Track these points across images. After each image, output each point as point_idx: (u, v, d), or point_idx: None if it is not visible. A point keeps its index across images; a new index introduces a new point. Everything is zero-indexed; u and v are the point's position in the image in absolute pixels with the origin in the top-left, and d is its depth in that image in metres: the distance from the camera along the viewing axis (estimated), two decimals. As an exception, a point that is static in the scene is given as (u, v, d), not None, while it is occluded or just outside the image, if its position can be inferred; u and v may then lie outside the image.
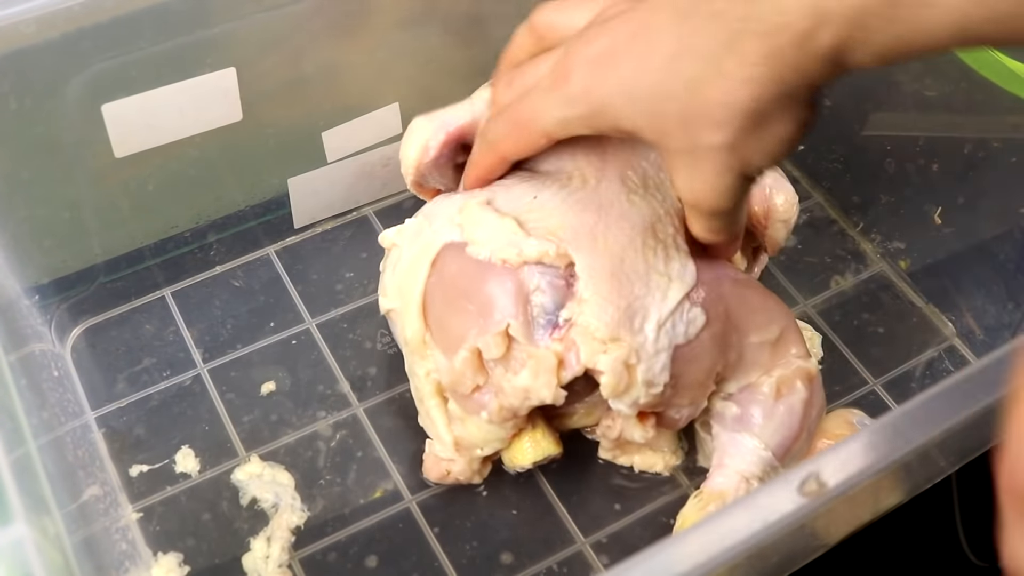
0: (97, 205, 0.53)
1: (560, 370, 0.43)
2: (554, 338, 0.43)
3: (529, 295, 0.44)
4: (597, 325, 0.43)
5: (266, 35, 0.51)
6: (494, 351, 0.44)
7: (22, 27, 0.44)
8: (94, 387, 0.54)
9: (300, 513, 0.49)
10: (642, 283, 0.44)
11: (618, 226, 0.45)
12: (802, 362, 0.48)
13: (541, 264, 0.44)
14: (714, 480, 0.47)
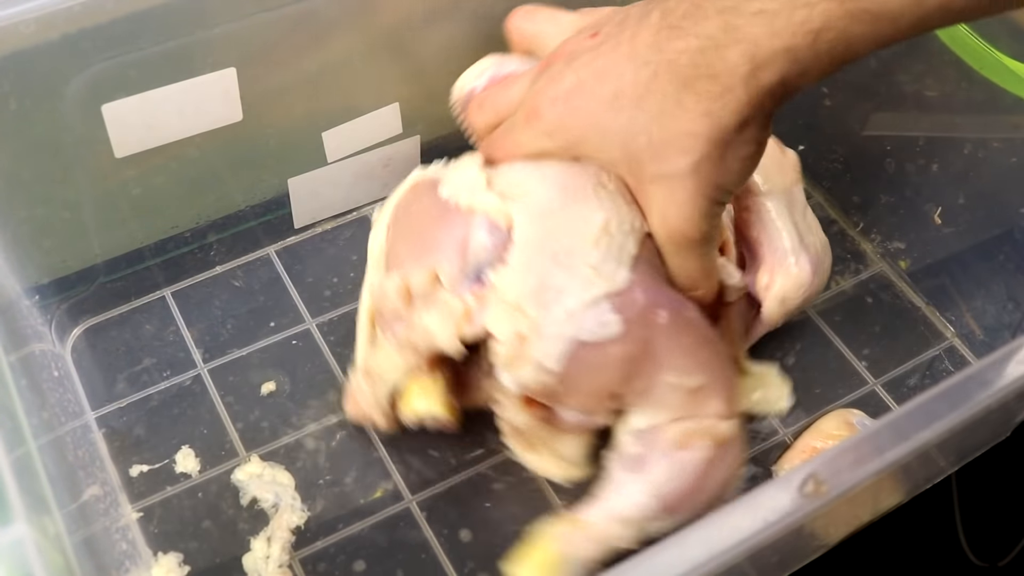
0: (97, 205, 0.53)
1: (464, 323, 0.44)
2: (472, 292, 0.44)
3: (469, 247, 0.44)
4: (509, 291, 0.43)
5: (266, 35, 0.51)
6: (418, 287, 0.45)
7: (22, 27, 0.44)
8: (94, 387, 0.54)
9: (300, 513, 0.49)
10: (570, 269, 0.43)
11: (577, 210, 0.44)
12: (716, 421, 0.44)
13: (490, 221, 0.44)
14: (585, 509, 0.45)
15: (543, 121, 0.44)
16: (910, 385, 0.56)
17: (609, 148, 0.43)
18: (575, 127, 0.44)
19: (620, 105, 0.41)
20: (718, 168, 0.41)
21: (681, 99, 0.40)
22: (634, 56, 0.41)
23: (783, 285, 0.50)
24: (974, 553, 0.56)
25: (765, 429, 0.53)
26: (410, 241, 0.47)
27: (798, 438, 0.53)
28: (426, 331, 0.45)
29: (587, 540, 0.45)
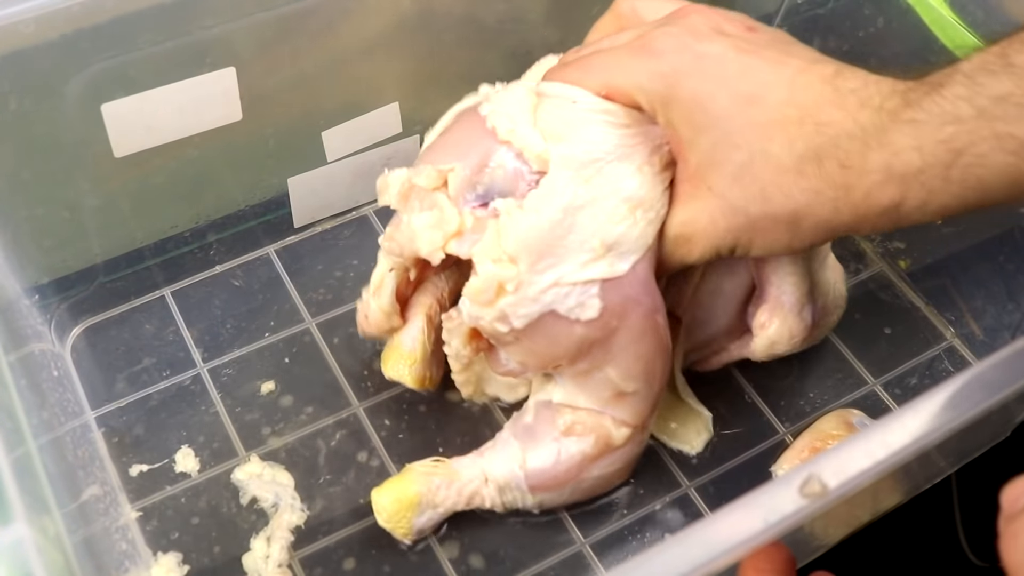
0: (97, 205, 0.53)
1: (452, 238, 0.43)
2: (473, 212, 0.43)
3: (489, 162, 0.43)
4: (511, 236, 0.41)
5: (266, 35, 0.51)
6: (424, 180, 0.44)
7: (21, 27, 0.44)
8: (94, 387, 0.54)
9: (300, 513, 0.49)
10: (581, 239, 0.42)
11: (611, 180, 0.42)
12: (613, 427, 0.46)
13: (521, 155, 0.43)
14: (463, 459, 0.48)
15: (657, 60, 0.41)
16: (910, 385, 0.56)
17: (702, 132, 0.40)
18: (687, 88, 0.40)
19: (747, 112, 0.39)
20: (768, 237, 0.40)
21: (803, 160, 0.38)
22: (793, 92, 0.38)
23: (777, 332, 0.50)
24: (974, 553, 0.56)
25: (764, 429, 0.53)
26: (434, 146, 0.46)
27: (797, 438, 0.53)
28: (412, 232, 0.44)
29: (450, 490, 0.48)
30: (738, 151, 0.39)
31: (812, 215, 0.39)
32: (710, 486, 0.51)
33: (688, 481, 0.51)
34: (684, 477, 0.51)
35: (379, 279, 0.50)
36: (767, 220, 0.40)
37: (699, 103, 0.40)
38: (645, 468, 0.52)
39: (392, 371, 0.51)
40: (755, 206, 0.39)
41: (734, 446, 0.53)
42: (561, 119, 0.43)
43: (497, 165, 0.43)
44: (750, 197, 0.39)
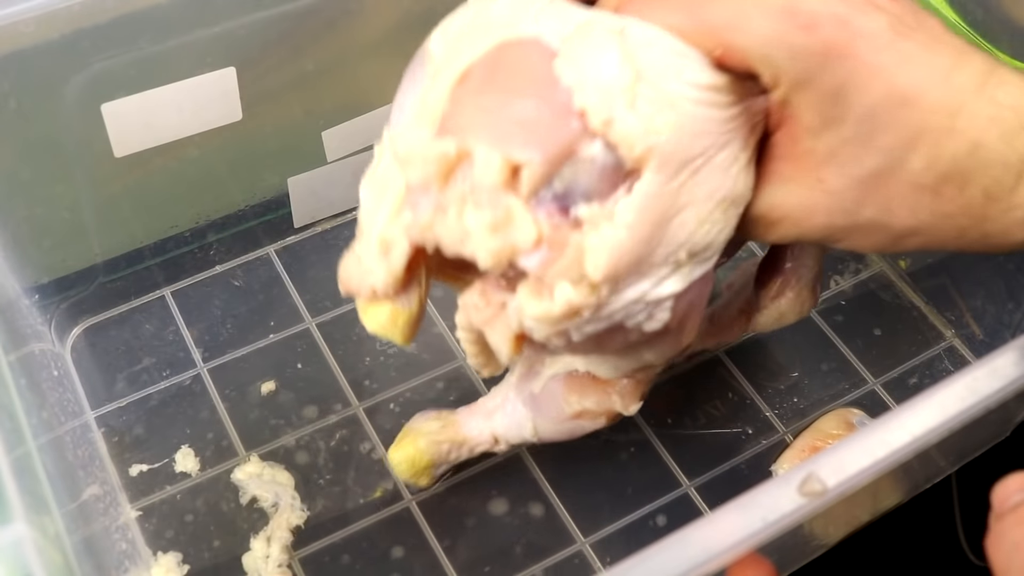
0: (97, 204, 0.53)
1: (517, 249, 0.33)
2: (550, 220, 0.33)
3: (577, 157, 0.33)
4: (599, 259, 0.33)
5: (266, 34, 0.51)
6: (487, 175, 0.33)
7: (21, 27, 0.44)
8: (94, 387, 0.54)
9: (300, 513, 0.49)
10: (666, 253, 0.35)
11: (708, 180, 0.35)
12: (622, 406, 0.45)
13: (616, 148, 0.33)
14: (470, 422, 0.48)
15: (807, 33, 0.33)
16: (910, 384, 0.56)
17: (834, 125, 0.34)
18: (835, 75, 0.33)
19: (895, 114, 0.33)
20: (864, 241, 0.36)
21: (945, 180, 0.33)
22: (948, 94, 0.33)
23: (789, 305, 0.47)
24: (974, 553, 0.56)
25: (764, 428, 0.53)
26: (495, 108, 0.33)
27: (797, 437, 0.53)
28: (463, 233, 0.33)
29: (460, 450, 0.48)
30: (873, 155, 0.34)
31: (931, 235, 0.35)
32: (710, 485, 0.51)
33: (688, 480, 0.51)
34: (684, 476, 0.51)
35: (385, 237, 0.36)
36: (878, 228, 0.35)
37: (843, 94, 0.33)
38: (645, 467, 0.52)
39: (378, 326, 0.39)
40: (872, 214, 0.35)
41: (734, 445, 0.53)
42: (662, 102, 0.33)
43: (585, 159, 0.33)
44: (870, 204, 0.34)
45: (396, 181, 0.36)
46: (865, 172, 0.34)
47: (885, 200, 0.34)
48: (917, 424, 0.33)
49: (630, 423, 0.53)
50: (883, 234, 0.35)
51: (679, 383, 0.55)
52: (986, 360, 0.34)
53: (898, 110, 0.33)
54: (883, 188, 0.34)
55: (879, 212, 0.35)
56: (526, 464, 0.52)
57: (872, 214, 0.35)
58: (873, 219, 0.35)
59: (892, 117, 0.33)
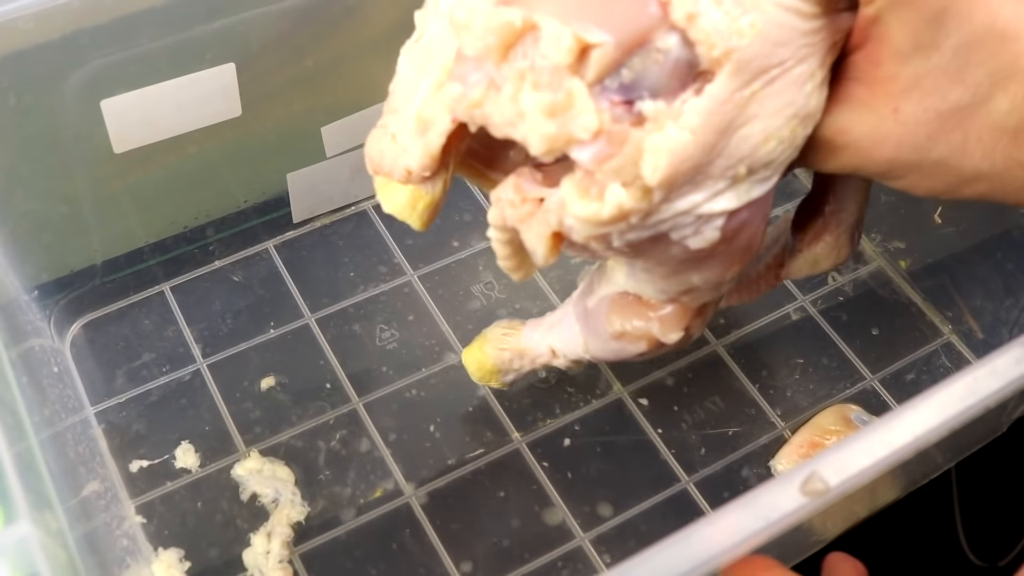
0: (96, 201, 0.53)
1: (573, 138, 0.31)
2: (612, 111, 0.31)
3: (651, 45, 0.31)
4: (657, 162, 0.31)
5: (265, 31, 0.51)
6: (555, 52, 0.30)
7: (21, 23, 0.44)
8: (93, 383, 0.54)
9: (300, 509, 0.49)
10: (725, 165, 0.33)
11: (781, 93, 0.33)
12: (661, 334, 0.43)
13: (694, 46, 0.31)
14: (532, 332, 0.49)
15: None
16: (907, 381, 0.56)
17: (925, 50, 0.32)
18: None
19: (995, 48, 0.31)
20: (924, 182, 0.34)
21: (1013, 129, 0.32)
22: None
23: (825, 250, 0.44)
24: (974, 553, 0.56)
25: (763, 424, 0.54)
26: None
27: (795, 433, 0.53)
28: (516, 113, 0.31)
29: (523, 360, 0.50)
30: (960, 89, 0.32)
31: (996, 183, 0.33)
32: (709, 481, 0.51)
33: (687, 476, 0.52)
34: (683, 472, 0.52)
35: (425, 114, 0.33)
36: (944, 169, 0.33)
37: (942, 19, 0.31)
38: (644, 464, 0.52)
39: (397, 208, 0.38)
40: (943, 152, 0.33)
41: (732, 441, 0.53)
42: (750, 2, 0.31)
43: (659, 51, 0.31)
44: (944, 142, 0.33)
45: (443, 53, 0.33)
46: (947, 106, 0.32)
47: (961, 139, 0.33)
48: (918, 423, 0.33)
49: (630, 419, 0.53)
50: (948, 176, 0.34)
51: (678, 379, 0.55)
52: (986, 359, 0.35)
53: (997, 45, 0.31)
54: (962, 126, 0.32)
55: (951, 151, 0.33)
56: (526, 461, 0.52)
57: (943, 153, 0.33)
58: (942, 158, 0.33)
59: (988, 51, 0.31)
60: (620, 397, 0.54)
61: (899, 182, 0.35)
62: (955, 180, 0.34)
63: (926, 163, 0.33)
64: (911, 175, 0.34)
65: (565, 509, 0.50)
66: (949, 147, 0.33)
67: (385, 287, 0.58)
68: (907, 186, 0.35)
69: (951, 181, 0.34)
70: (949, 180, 0.34)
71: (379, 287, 0.58)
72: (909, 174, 0.34)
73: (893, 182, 0.35)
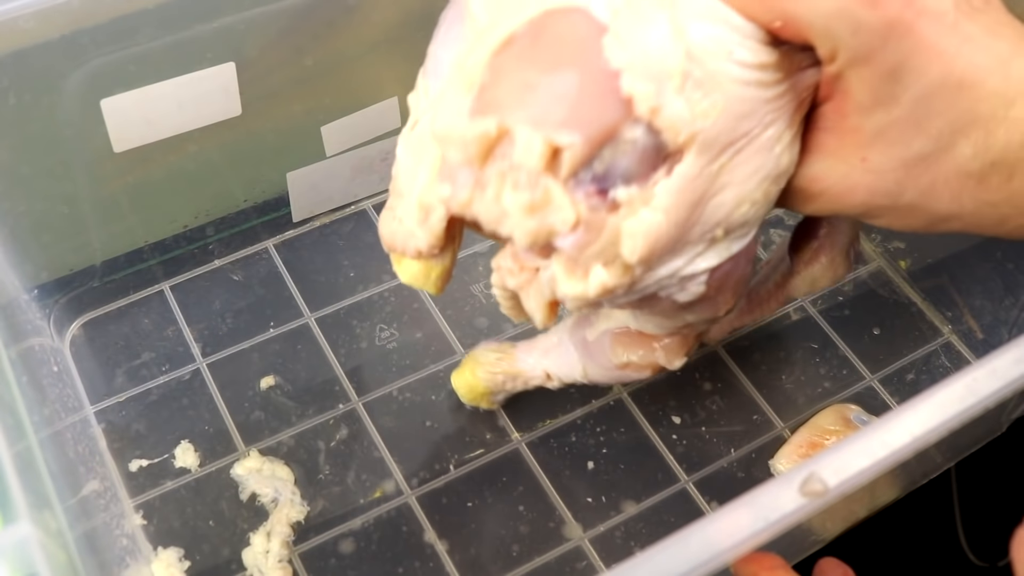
0: (96, 200, 0.53)
1: (554, 230, 0.33)
2: (587, 202, 0.33)
3: (618, 139, 0.32)
4: (636, 243, 0.33)
5: (265, 30, 0.51)
6: (528, 157, 0.32)
7: (21, 22, 0.44)
8: (93, 382, 0.54)
9: (300, 508, 0.49)
10: (702, 231, 0.34)
11: (750, 160, 0.34)
12: (666, 361, 0.46)
13: (659, 133, 0.32)
14: (527, 357, 0.50)
15: (871, 8, 0.31)
16: (907, 381, 0.56)
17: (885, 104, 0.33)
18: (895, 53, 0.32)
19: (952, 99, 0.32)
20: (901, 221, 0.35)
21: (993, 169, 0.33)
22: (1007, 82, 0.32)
23: (822, 270, 0.45)
24: (974, 553, 0.56)
25: (762, 424, 0.54)
26: (537, 84, 0.32)
27: (795, 433, 0.53)
28: (500, 213, 0.33)
29: (515, 382, 0.51)
30: (922, 139, 0.33)
31: (970, 221, 0.34)
32: (709, 481, 0.51)
33: (687, 476, 0.52)
34: (683, 472, 0.52)
35: (425, 201, 0.35)
36: (918, 211, 0.35)
37: (900, 74, 0.32)
38: (643, 465, 0.52)
39: (412, 279, 0.40)
40: (913, 197, 0.34)
41: (732, 441, 0.53)
42: (711, 84, 0.32)
43: (627, 141, 0.32)
44: (912, 187, 0.34)
45: (433, 146, 0.35)
46: (912, 155, 0.33)
47: (929, 184, 0.34)
48: (917, 424, 0.33)
49: (629, 420, 0.53)
50: (922, 217, 0.35)
51: (677, 378, 0.55)
52: (986, 359, 0.34)
53: (954, 95, 0.32)
54: (928, 172, 0.33)
55: (920, 196, 0.34)
56: (525, 461, 0.52)
57: (913, 197, 0.34)
58: (914, 202, 0.34)
59: (946, 102, 0.32)
60: (620, 397, 0.54)
61: (877, 221, 0.36)
62: (930, 220, 0.35)
63: (899, 206, 0.35)
64: (887, 216, 0.36)
65: (565, 509, 0.50)
66: (918, 192, 0.34)
67: (385, 287, 0.58)
68: (886, 224, 0.36)
69: (926, 221, 0.35)
70: (924, 220, 0.35)
71: (379, 287, 0.58)
72: (885, 215, 0.36)
73: (871, 221, 0.37)
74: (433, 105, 0.36)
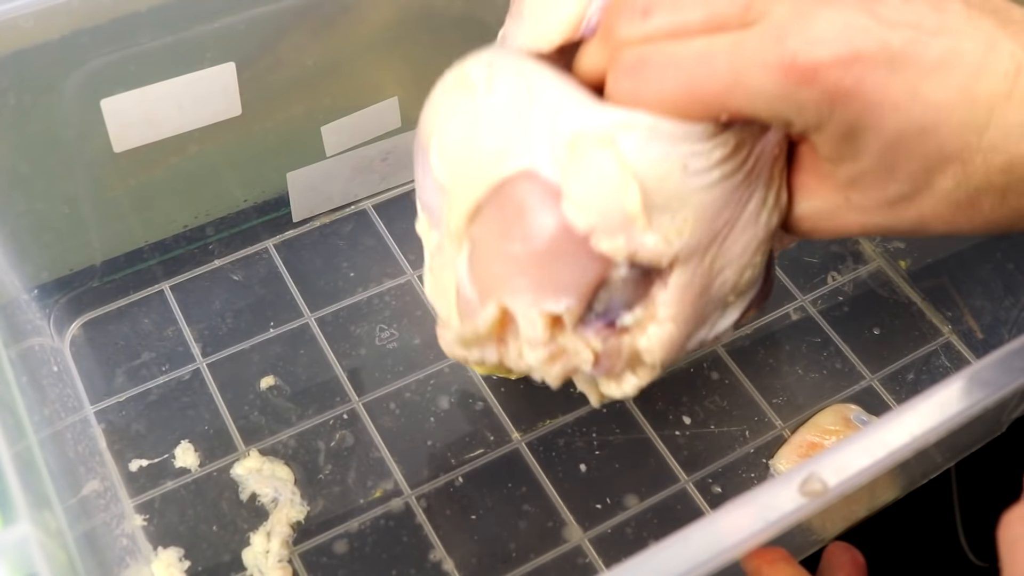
0: (96, 200, 0.53)
1: (579, 368, 0.37)
2: (599, 336, 0.36)
3: (609, 282, 0.35)
4: (654, 354, 0.36)
5: (265, 30, 0.51)
6: (533, 332, 0.35)
7: (20, 22, 0.44)
8: (93, 382, 0.54)
9: (300, 508, 0.49)
10: (714, 306, 0.37)
11: (744, 234, 0.35)
12: None
13: (640, 265, 0.34)
14: None
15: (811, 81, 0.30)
16: (907, 381, 0.56)
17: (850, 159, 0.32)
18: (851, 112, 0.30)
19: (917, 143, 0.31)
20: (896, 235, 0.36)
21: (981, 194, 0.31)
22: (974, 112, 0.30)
23: None
24: (974, 553, 0.56)
25: (762, 423, 0.54)
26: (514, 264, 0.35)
27: (795, 432, 0.53)
28: (528, 367, 0.38)
29: None
30: (896, 183, 0.32)
31: (974, 233, 0.34)
32: (707, 480, 0.52)
33: (687, 476, 0.52)
34: (683, 472, 0.52)
35: (478, 330, 0.37)
36: (914, 232, 0.34)
37: (857, 135, 0.31)
38: (643, 465, 0.52)
39: (487, 371, 0.46)
40: (909, 226, 0.34)
41: (731, 440, 0.53)
42: (675, 203, 0.33)
43: (616, 281, 0.35)
44: (904, 219, 0.33)
45: (451, 279, 0.38)
46: (890, 196, 0.33)
47: (918, 218, 0.33)
48: (917, 424, 0.33)
49: (629, 419, 0.53)
50: (923, 233, 0.34)
51: (677, 378, 0.55)
52: (986, 359, 0.35)
53: (916, 142, 0.31)
54: (913, 208, 0.33)
55: (914, 226, 0.34)
56: (525, 461, 0.52)
57: (909, 226, 0.34)
58: (911, 228, 0.34)
59: (911, 150, 0.31)
60: (620, 397, 0.54)
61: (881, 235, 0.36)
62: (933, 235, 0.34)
63: (898, 231, 0.35)
64: (888, 235, 0.35)
65: (565, 509, 0.50)
66: (910, 223, 0.34)
67: (385, 287, 0.58)
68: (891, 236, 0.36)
69: (929, 235, 0.35)
70: (927, 235, 0.35)
71: (379, 287, 0.58)
72: (885, 235, 0.35)
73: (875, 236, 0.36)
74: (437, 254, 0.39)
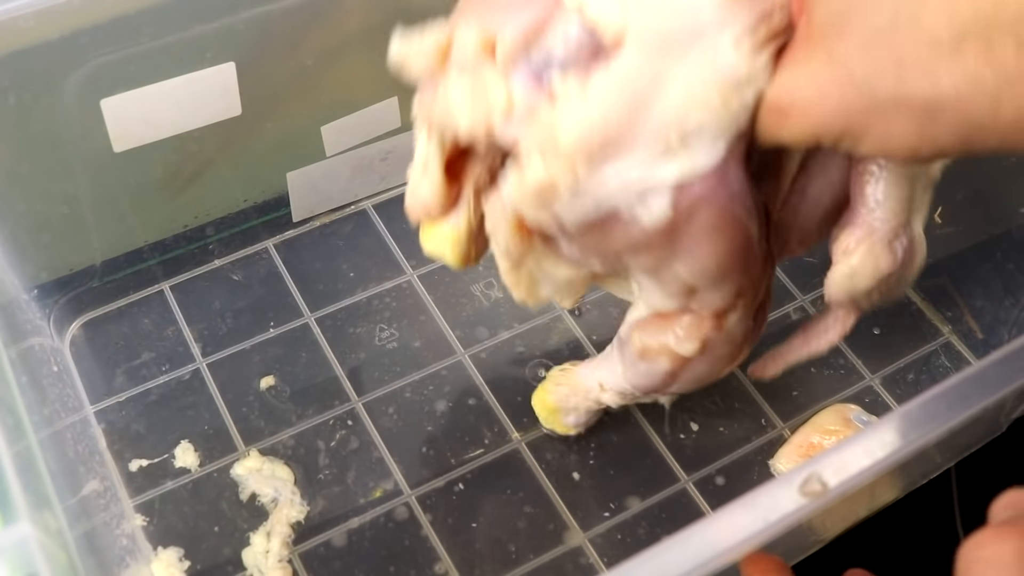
0: (96, 200, 0.53)
1: (497, 115, 0.35)
2: (524, 88, 0.35)
3: (548, 29, 0.35)
4: (569, 129, 0.34)
5: (265, 30, 0.51)
6: (464, 46, 0.36)
7: (21, 22, 0.44)
8: (93, 382, 0.54)
9: (300, 508, 0.49)
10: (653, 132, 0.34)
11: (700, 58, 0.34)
12: (676, 344, 0.42)
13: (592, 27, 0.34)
14: (583, 369, 0.50)
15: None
16: (907, 381, 0.56)
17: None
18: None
19: None
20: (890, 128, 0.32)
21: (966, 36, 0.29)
22: None
23: (862, 261, 0.40)
24: (974, 553, 0.56)
25: (762, 423, 0.54)
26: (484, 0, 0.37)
27: (795, 432, 0.53)
28: (447, 105, 0.36)
29: (578, 396, 0.50)
30: (878, 14, 0.31)
31: (959, 109, 0.30)
32: (707, 480, 0.52)
33: (687, 476, 0.52)
34: (683, 472, 0.52)
35: (423, 155, 0.40)
36: (895, 105, 0.31)
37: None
38: (643, 465, 0.52)
39: (432, 247, 0.43)
40: (884, 84, 0.31)
41: (732, 440, 0.53)
42: None
43: (560, 33, 0.34)
44: (881, 72, 0.31)
45: None
46: (871, 31, 0.31)
47: (897, 63, 0.31)
48: (917, 424, 0.33)
49: (629, 419, 0.53)
50: (908, 117, 0.31)
51: (677, 379, 0.55)
52: (986, 359, 0.35)
53: None
54: (894, 49, 0.31)
55: (894, 81, 0.31)
56: (525, 461, 0.52)
57: (888, 87, 0.31)
58: (891, 93, 0.31)
59: None
60: (620, 397, 0.54)
61: (867, 145, 0.33)
62: (918, 118, 0.31)
63: (875, 103, 0.32)
64: (871, 127, 0.32)
65: (565, 509, 0.50)
66: (889, 75, 0.31)
67: (385, 287, 0.58)
68: (879, 146, 0.33)
69: (915, 122, 0.31)
70: (911, 121, 0.31)
71: (379, 287, 0.58)
72: (869, 126, 0.32)
73: (862, 148, 0.33)
74: None
